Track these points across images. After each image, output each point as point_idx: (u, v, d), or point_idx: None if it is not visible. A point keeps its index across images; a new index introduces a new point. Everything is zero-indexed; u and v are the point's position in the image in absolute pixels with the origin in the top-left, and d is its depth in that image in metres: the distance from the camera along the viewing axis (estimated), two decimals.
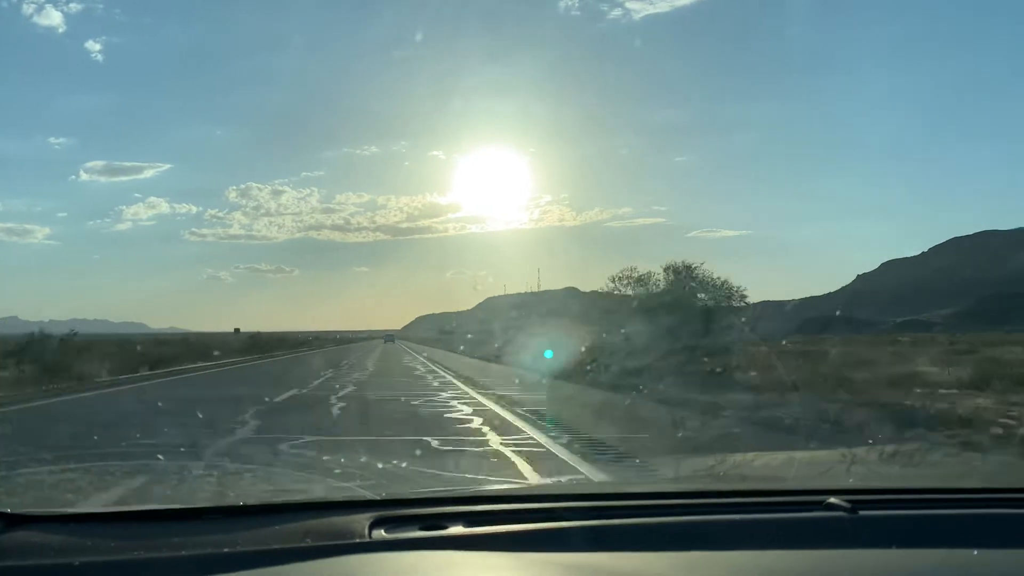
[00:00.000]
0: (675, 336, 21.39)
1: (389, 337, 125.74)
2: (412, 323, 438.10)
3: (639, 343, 21.63)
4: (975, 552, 1.74)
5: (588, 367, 23.41)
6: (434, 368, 34.44)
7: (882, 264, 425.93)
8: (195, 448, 8.78)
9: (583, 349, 24.90)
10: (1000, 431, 10.90)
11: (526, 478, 6.82)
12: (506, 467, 8.31)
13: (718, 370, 20.05)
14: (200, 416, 13.24)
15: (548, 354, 20.29)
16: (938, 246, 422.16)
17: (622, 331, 23.73)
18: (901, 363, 26.11)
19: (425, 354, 54.97)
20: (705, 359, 20.82)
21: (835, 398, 14.84)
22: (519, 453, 9.53)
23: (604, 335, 25.15)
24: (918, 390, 16.76)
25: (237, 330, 75.26)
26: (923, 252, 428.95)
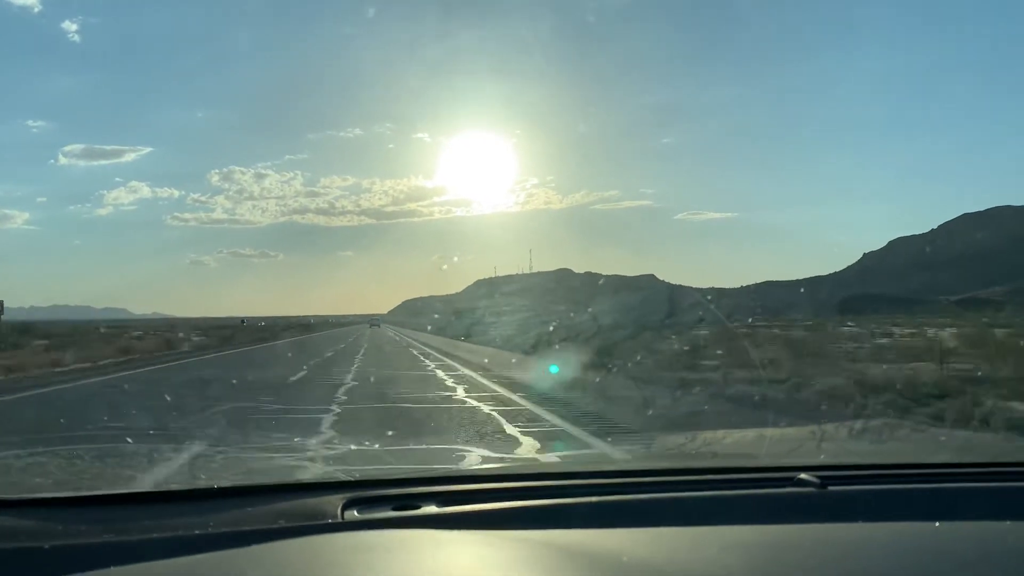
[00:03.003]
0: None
1: (375, 321, 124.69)
2: (398, 307, 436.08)
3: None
4: (938, 525, 1.78)
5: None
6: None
7: (890, 242, 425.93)
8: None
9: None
10: None
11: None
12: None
13: None
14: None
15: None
16: (948, 222, 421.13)
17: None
18: None
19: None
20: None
21: None
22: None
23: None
24: None
25: (243, 320, 75.24)
26: (932, 229, 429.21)
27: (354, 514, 1.98)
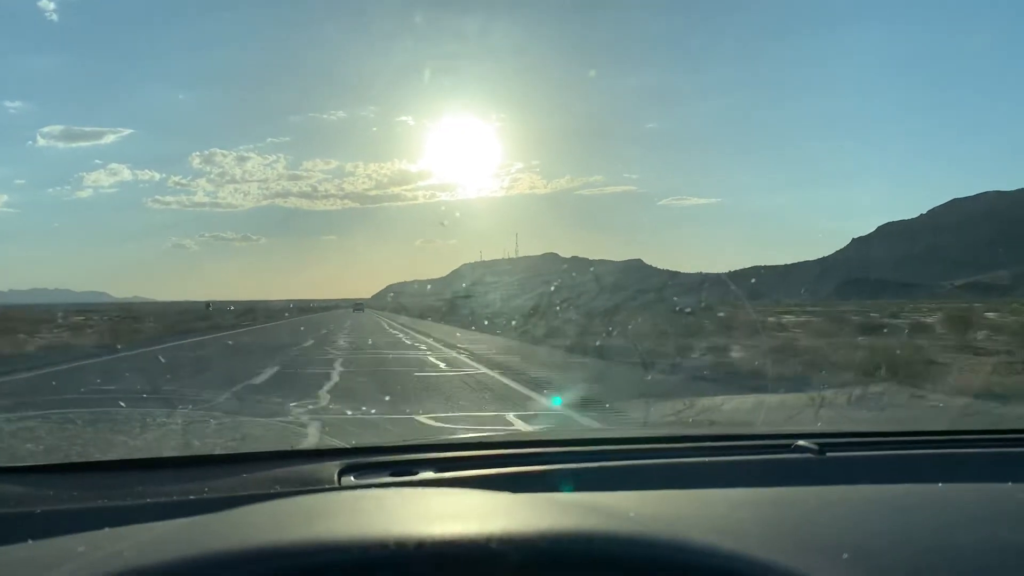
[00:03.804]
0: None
1: (358, 306, 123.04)
2: (382, 291, 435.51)
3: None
4: (939, 486, 1.76)
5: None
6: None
7: (879, 227, 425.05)
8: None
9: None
10: None
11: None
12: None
13: None
14: None
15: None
16: (938, 208, 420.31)
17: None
18: None
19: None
20: None
21: None
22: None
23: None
24: None
25: (208, 304, 71.63)
26: (921, 214, 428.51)
27: (351, 480, 1.97)
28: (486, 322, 36.60)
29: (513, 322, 32.81)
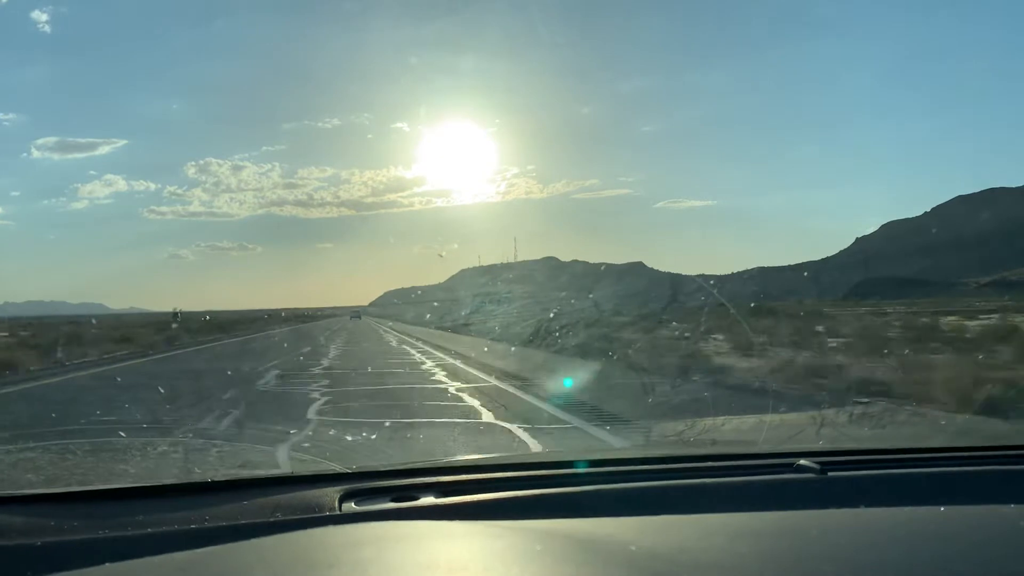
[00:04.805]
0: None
1: (356, 313, 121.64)
2: (381, 298, 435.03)
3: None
4: (942, 509, 1.76)
5: None
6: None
7: (883, 226, 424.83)
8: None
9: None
10: None
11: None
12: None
13: None
14: None
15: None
16: (942, 205, 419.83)
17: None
18: None
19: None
20: None
21: None
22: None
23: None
24: None
25: (176, 314, 64.57)
26: (926, 212, 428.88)
27: (352, 506, 1.97)
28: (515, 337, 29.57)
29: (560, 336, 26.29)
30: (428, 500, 2.03)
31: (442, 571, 1.07)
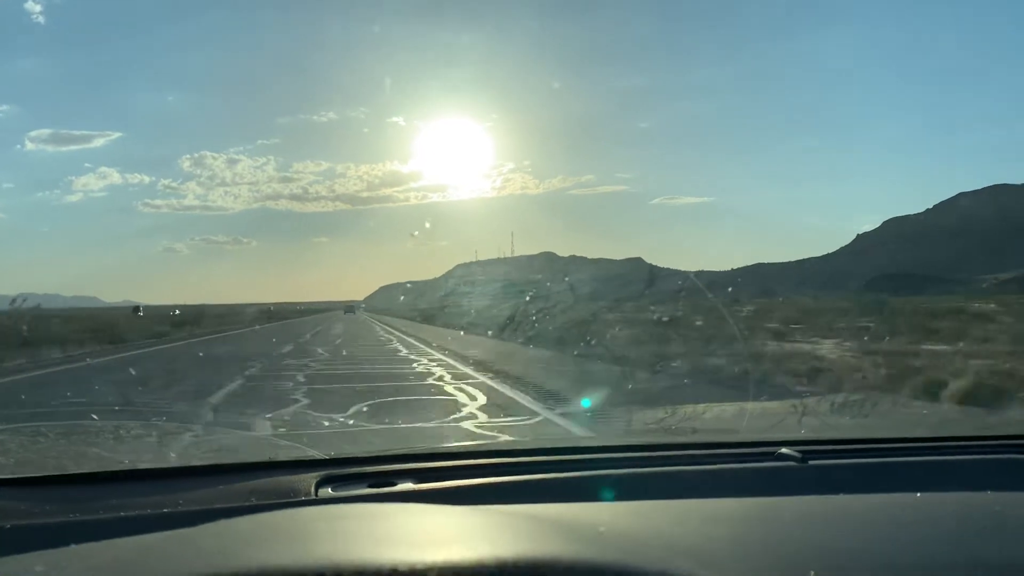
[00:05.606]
0: None
1: (349, 308, 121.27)
2: (376, 292, 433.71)
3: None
4: (919, 495, 1.76)
5: None
6: None
7: (884, 222, 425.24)
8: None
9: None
10: None
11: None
12: None
13: None
14: None
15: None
16: (944, 201, 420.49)
17: None
18: None
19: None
20: None
21: None
22: None
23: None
24: None
25: (137, 309, 57.33)
26: (928, 209, 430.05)
27: (328, 492, 1.96)
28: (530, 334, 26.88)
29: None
30: (405, 486, 2.02)
31: (417, 545, 1.05)
